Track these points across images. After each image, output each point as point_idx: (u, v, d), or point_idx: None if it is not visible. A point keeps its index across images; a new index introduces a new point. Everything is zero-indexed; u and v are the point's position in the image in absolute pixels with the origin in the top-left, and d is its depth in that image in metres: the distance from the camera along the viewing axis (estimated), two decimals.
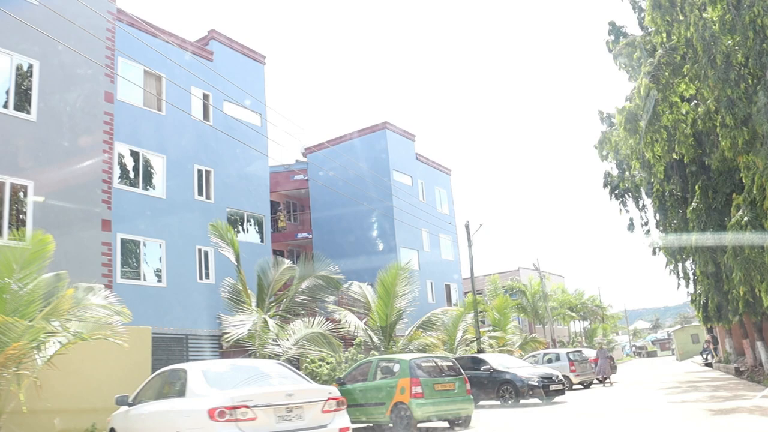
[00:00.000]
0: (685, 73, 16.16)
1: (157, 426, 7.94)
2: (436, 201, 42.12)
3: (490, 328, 34.17)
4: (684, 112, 17.12)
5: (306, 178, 38.55)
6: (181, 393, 7.78)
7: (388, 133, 37.85)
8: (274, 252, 39.63)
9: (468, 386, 13.35)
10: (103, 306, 10.58)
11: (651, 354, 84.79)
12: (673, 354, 67.75)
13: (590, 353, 29.28)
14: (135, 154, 21.81)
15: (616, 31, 23.19)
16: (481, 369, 18.46)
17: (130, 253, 21.06)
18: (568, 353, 24.83)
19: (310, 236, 38.46)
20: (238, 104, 25.73)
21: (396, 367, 12.86)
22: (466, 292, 50.43)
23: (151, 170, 22.30)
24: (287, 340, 15.60)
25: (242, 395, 7.03)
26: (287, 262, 16.60)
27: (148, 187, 22.09)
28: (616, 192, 24.51)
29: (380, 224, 36.52)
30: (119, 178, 21.04)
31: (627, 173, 23.99)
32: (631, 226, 24.11)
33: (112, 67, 17.95)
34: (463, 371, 13.91)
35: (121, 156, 21.28)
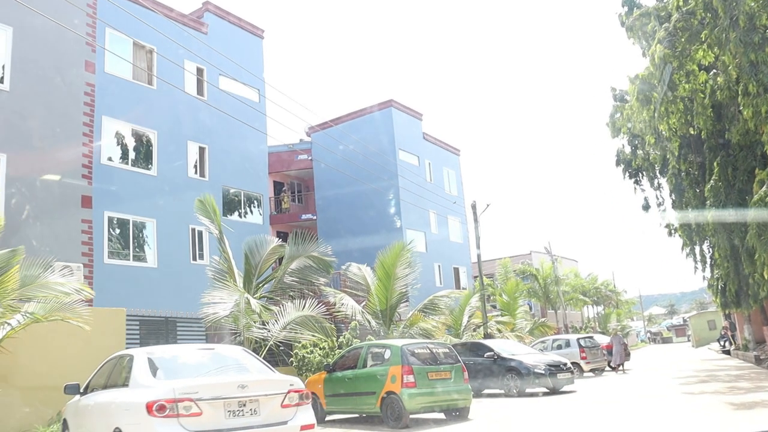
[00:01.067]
0: (704, 39, 14.96)
1: (98, 420, 7.02)
2: (444, 182, 40.97)
3: (500, 313, 33.11)
4: (702, 82, 15.89)
5: (310, 158, 37.52)
6: (125, 383, 6.85)
7: (394, 111, 36.69)
8: (277, 234, 38.81)
9: (466, 375, 12.35)
10: (58, 283, 9.60)
11: (666, 340, 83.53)
12: (689, 340, 66.47)
13: (603, 339, 28.19)
14: (123, 129, 20.88)
15: (629, 1, 21.90)
16: (485, 356, 17.44)
17: (119, 232, 20.20)
18: (578, 339, 23.78)
19: (315, 217, 37.48)
20: (234, 79, 24.68)
21: (387, 354, 11.88)
22: (476, 276, 49.55)
23: (141, 146, 21.39)
24: (276, 323, 14.70)
25: (186, 387, 6.08)
26: (277, 241, 15.63)
27: (138, 163, 21.18)
28: (630, 170, 23.34)
29: (386, 205, 35.48)
30: (107, 154, 20.15)
31: (640, 151, 22.82)
32: (646, 206, 22.95)
33: (93, 36, 16.97)
34: (460, 358, 12.92)
35: (108, 131, 20.35)
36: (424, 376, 11.39)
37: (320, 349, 16.60)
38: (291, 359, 16.54)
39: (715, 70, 16.42)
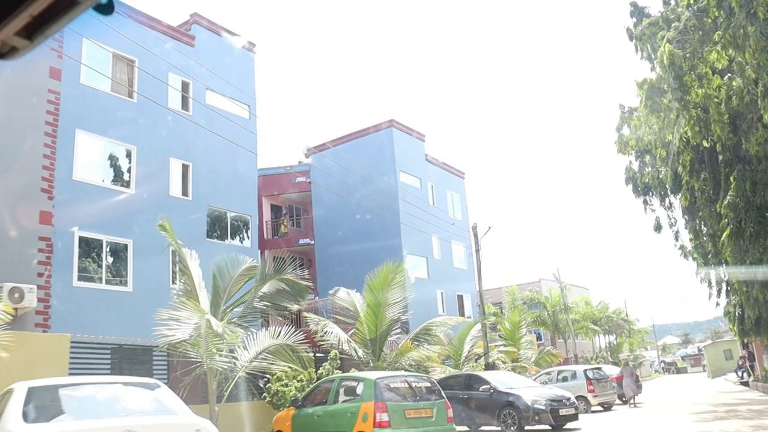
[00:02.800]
0: (717, 40, 13.61)
1: None
2: (447, 205, 39.53)
3: (503, 342, 31.43)
4: (716, 87, 14.51)
5: (308, 180, 36.31)
6: None
7: (395, 131, 35.47)
8: (273, 259, 37.49)
9: (450, 412, 10.86)
10: None
11: (681, 370, 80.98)
12: (704, 371, 64.13)
13: (613, 370, 26.46)
14: (99, 144, 19.68)
15: (638, 12, 20.60)
16: (480, 389, 15.87)
17: (90, 253, 18.88)
18: (585, 370, 22.12)
19: (312, 242, 36.16)
20: (222, 95, 23.54)
21: (360, 388, 10.42)
22: (479, 305, 47.85)
23: (118, 163, 20.16)
24: (246, 350, 13.29)
25: None
26: (251, 260, 14.23)
27: (114, 181, 19.94)
28: (639, 189, 21.88)
29: (386, 229, 34.01)
30: (80, 170, 18.92)
31: (650, 168, 21.39)
32: (657, 227, 21.41)
33: (60, 41, 15.84)
34: (455, 392, 11.44)
35: (82, 146, 19.15)
36: (400, 414, 9.91)
37: (298, 381, 15.09)
38: (264, 393, 15.05)
39: (730, 74, 15.02)
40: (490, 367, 24.63)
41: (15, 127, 14.47)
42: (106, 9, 1.09)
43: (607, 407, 22.23)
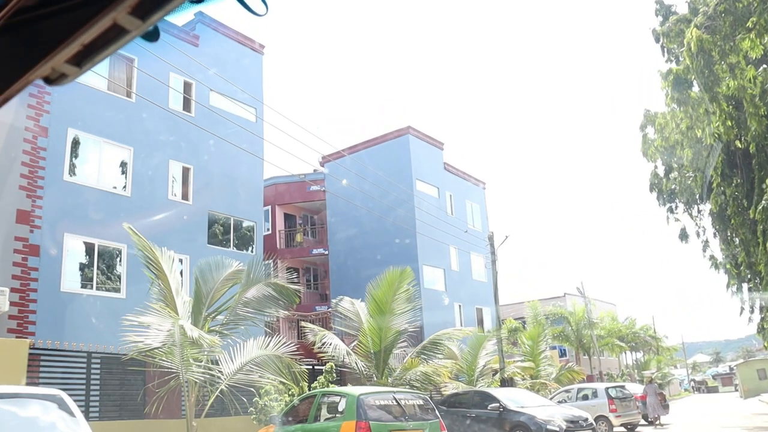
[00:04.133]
0: (751, 27, 12.32)
1: None
2: (467, 216, 38.21)
3: (523, 358, 30.00)
4: (750, 78, 13.16)
5: (323, 189, 35.30)
6: None
7: (411, 138, 34.35)
8: (287, 270, 36.48)
9: None
10: None
11: (712, 390, 78.16)
12: (736, 390, 61.63)
13: (637, 389, 24.89)
14: (93, 144, 18.86)
15: (663, 10, 19.32)
16: (489, 407, 14.58)
17: (81, 257, 18.01)
18: (607, 389, 20.65)
19: (326, 252, 35.10)
20: (228, 97, 22.65)
21: (342, 405, 9.27)
22: (503, 320, 46.29)
23: (113, 163, 19.31)
24: (232, 361, 12.22)
25: None
26: (237, 264, 13.16)
27: (108, 182, 19.09)
28: (665, 196, 20.44)
29: (402, 239, 32.83)
30: (70, 169, 18.10)
31: (676, 174, 19.97)
32: (684, 236, 19.95)
33: None
34: (462, 410, 10.23)
35: (74, 145, 18.34)
36: None
37: (289, 396, 13.94)
38: (251, 408, 13.92)
39: (766, 65, 13.67)
40: (506, 383, 23.29)
41: None
42: (152, 36, 1.11)
43: (630, 428, 20.74)
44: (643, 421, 22.20)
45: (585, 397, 20.73)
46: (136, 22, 1.01)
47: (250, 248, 23.31)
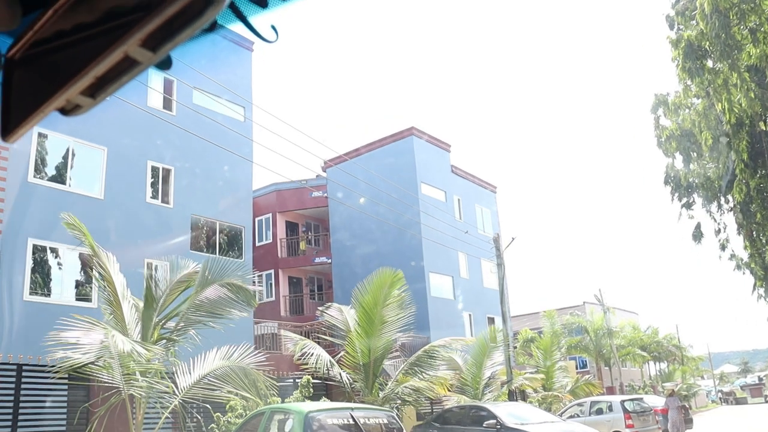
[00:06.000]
0: None
1: None
2: (477, 221, 36.54)
3: (535, 369, 28.27)
4: None
5: (325, 195, 33.92)
6: None
7: (415, 140, 32.87)
8: (290, 279, 35.08)
9: None
10: None
11: (740, 401, 75.24)
12: (766, 401, 59.09)
13: (658, 401, 23.04)
14: (61, 143, 17.64)
15: None
16: (484, 424, 12.95)
17: (47, 264, 16.73)
18: (623, 402, 18.89)
19: (330, 261, 33.62)
20: (212, 95, 21.38)
21: (288, 425, 7.74)
22: (516, 332, 44.42)
23: (84, 164, 18.06)
24: (188, 375, 10.79)
25: None
26: (194, 265, 11.74)
27: (78, 184, 17.83)
28: (682, 188, 18.68)
29: (407, 246, 31.30)
30: (36, 170, 16.87)
31: (695, 165, 18.24)
32: (698, 234, 18.14)
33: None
34: (453, 427, 8.67)
35: (40, 144, 17.13)
36: None
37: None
38: (212, 426, 12.43)
39: None
40: (515, 396, 21.63)
41: None
42: (165, 65, 1.13)
43: None
44: None
45: (599, 411, 19.03)
46: (147, 54, 1.03)
47: (238, 254, 21.88)
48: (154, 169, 19.69)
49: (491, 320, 36.09)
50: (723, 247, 18.73)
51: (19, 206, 16.13)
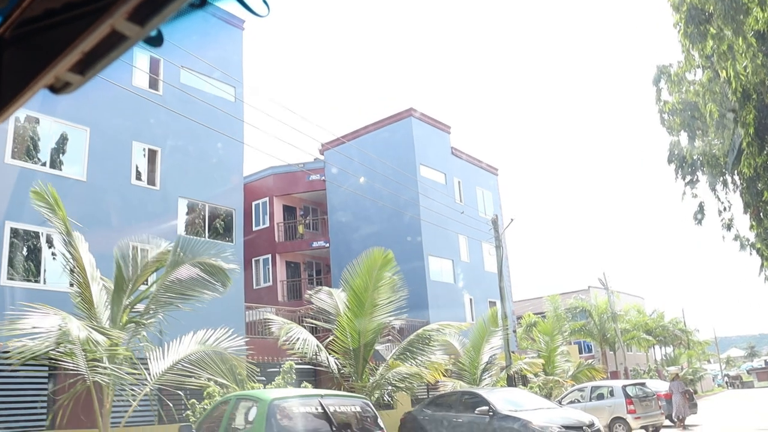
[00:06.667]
0: None
1: None
2: (478, 204, 35.83)
3: (537, 354, 27.72)
4: None
5: (322, 178, 33.26)
6: None
7: (414, 121, 32.14)
8: (288, 264, 34.52)
9: None
10: None
11: (746, 385, 74.84)
12: None
13: (663, 386, 22.41)
14: (42, 123, 17.06)
15: None
16: (476, 411, 12.38)
17: (27, 248, 16.20)
18: (624, 387, 18.29)
19: (327, 245, 33.04)
20: (201, 74, 20.72)
21: (252, 413, 7.17)
22: (519, 317, 43.85)
23: (65, 145, 17.48)
24: (161, 360, 10.26)
25: None
26: (166, 244, 11.13)
27: (60, 166, 17.28)
28: (684, 168, 17.93)
29: (406, 229, 30.67)
30: (15, 151, 16.29)
31: (700, 142, 17.49)
32: (699, 214, 17.41)
33: None
34: (442, 413, 8.11)
35: (19, 124, 16.55)
36: None
37: None
38: (187, 413, 11.90)
39: None
40: (513, 381, 21.11)
41: None
42: (156, 42, 1.12)
43: (653, 431, 18.35)
44: (668, 422, 19.82)
45: (600, 397, 18.45)
46: (135, 28, 1.01)
47: (229, 238, 21.31)
48: (140, 151, 19.10)
49: (492, 304, 35.43)
50: (728, 227, 18.01)
51: None
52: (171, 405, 11.02)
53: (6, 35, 1.14)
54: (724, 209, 17.84)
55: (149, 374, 10.18)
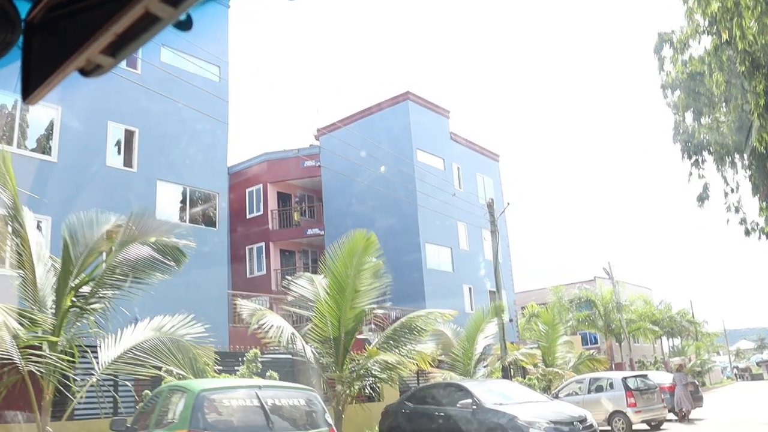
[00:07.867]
0: None
1: None
2: (478, 190, 34.86)
3: (537, 344, 26.76)
4: None
5: (318, 164, 32.37)
6: None
7: (411, 105, 31.18)
8: (282, 252, 33.64)
9: None
10: None
11: (756, 377, 73.66)
12: None
13: (664, 378, 21.41)
14: (8, 102, 16.22)
15: None
16: (458, 404, 11.46)
17: None
18: (625, 379, 17.30)
19: (322, 232, 32.14)
20: (182, 53, 19.81)
21: (180, 405, 6.27)
22: (522, 307, 42.93)
23: (35, 124, 16.64)
24: (111, 348, 9.40)
25: None
26: (117, 218, 10.19)
27: (29, 145, 16.44)
28: (689, 147, 16.88)
29: (403, 215, 29.75)
30: None
31: (707, 119, 16.43)
32: (704, 195, 16.35)
33: None
34: (422, 407, 7.23)
35: None
36: None
37: None
38: (140, 405, 11.04)
39: None
40: (507, 372, 20.21)
41: None
42: (185, 25, 1.12)
43: (655, 425, 17.38)
44: (671, 416, 18.85)
45: (599, 389, 17.50)
46: (168, 9, 1.01)
47: (212, 223, 20.44)
48: (116, 131, 18.23)
49: (492, 293, 34.55)
50: (736, 210, 16.92)
51: None
52: (117, 396, 10.15)
53: (36, 19, 1.14)
54: (732, 191, 16.77)
55: (97, 363, 9.33)
